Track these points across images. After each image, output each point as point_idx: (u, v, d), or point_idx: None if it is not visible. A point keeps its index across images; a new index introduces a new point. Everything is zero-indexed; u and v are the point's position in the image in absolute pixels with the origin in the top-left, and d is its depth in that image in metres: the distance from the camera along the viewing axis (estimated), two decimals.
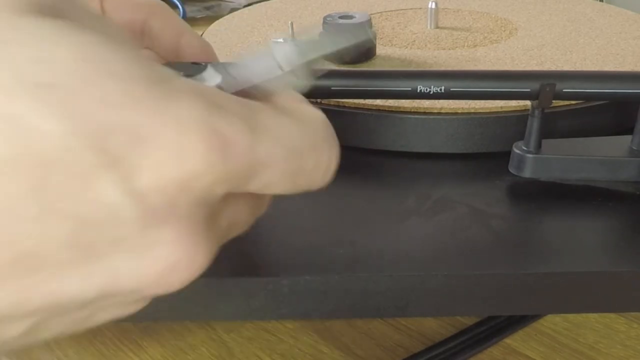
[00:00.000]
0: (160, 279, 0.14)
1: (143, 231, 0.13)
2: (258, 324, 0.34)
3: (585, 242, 0.26)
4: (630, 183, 0.30)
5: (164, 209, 0.13)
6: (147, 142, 0.13)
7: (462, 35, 0.45)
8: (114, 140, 0.12)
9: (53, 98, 0.12)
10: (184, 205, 0.14)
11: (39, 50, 0.12)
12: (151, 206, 0.13)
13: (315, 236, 0.26)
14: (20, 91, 0.12)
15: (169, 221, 0.13)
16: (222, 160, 0.13)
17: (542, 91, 0.28)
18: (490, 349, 0.32)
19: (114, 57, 0.13)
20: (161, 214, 0.13)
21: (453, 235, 0.26)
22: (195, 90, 0.14)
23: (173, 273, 0.14)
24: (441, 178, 0.31)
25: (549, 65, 0.39)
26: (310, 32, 0.17)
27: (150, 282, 0.14)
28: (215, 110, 0.14)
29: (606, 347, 0.32)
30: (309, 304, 0.25)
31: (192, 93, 0.13)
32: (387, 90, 0.28)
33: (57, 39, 0.13)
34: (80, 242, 0.13)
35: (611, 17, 0.48)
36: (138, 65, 0.13)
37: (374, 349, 0.33)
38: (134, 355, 0.33)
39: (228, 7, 0.75)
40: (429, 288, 0.24)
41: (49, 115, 0.12)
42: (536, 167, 0.29)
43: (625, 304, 0.26)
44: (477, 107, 0.32)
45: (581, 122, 0.33)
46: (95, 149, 0.12)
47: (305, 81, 0.17)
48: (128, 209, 0.13)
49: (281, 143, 0.15)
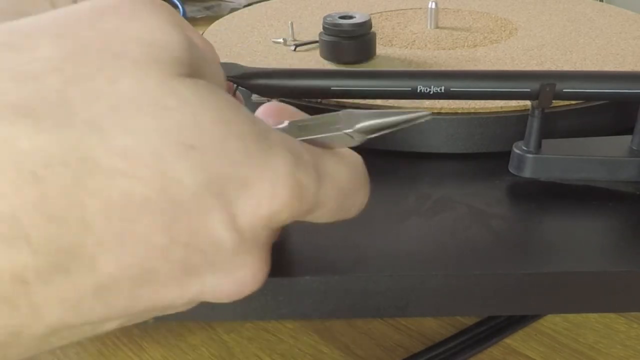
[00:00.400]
0: (232, 294, 0.17)
1: (233, 257, 0.16)
2: (258, 324, 0.34)
3: (585, 242, 0.26)
4: (630, 183, 0.30)
5: (251, 240, 0.17)
6: (250, 189, 0.16)
7: (462, 35, 0.45)
8: (229, 188, 0.16)
9: (194, 156, 0.15)
10: (263, 236, 0.17)
11: (186, 115, 0.15)
12: (244, 239, 0.16)
13: (315, 236, 0.26)
14: (169, 150, 0.15)
15: (252, 250, 0.17)
16: (298, 203, 0.17)
17: (542, 91, 0.28)
18: (490, 349, 0.32)
19: (236, 118, 0.16)
20: (249, 244, 0.17)
21: (453, 235, 0.26)
22: (285, 144, 0.17)
23: (242, 288, 0.17)
24: (441, 178, 0.31)
25: (549, 65, 0.39)
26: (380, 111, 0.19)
27: (223, 295, 0.17)
28: (298, 163, 0.17)
29: (606, 347, 0.32)
30: (309, 304, 0.25)
31: (284, 147, 0.17)
32: (387, 90, 0.28)
33: (200, 104, 0.15)
34: (187, 263, 0.16)
35: (611, 17, 0.48)
36: (250, 123, 0.16)
37: (374, 349, 0.33)
38: (134, 355, 0.33)
39: (228, 7, 0.75)
40: (429, 288, 0.24)
41: (188, 170, 0.15)
42: (536, 167, 0.29)
43: (625, 304, 0.26)
44: (477, 107, 0.32)
45: (581, 122, 0.33)
46: (215, 195, 0.15)
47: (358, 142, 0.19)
48: (229, 241, 0.16)
49: (336, 187, 0.18)
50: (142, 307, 0.16)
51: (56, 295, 0.14)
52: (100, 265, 0.14)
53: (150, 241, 0.15)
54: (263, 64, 0.39)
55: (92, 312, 0.15)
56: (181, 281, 0.16)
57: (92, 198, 0.14)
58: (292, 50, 0.42)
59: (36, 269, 0.14)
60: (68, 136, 0.14)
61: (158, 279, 0.15)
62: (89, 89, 0.15)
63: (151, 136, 0.15)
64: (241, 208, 0.16)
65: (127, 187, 0.14)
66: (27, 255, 0.14)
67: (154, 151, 0.15)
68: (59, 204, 0.14)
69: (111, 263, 0.15)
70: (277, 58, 0.41)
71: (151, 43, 0.16)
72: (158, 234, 0.15)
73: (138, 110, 0.15)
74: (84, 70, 0.15)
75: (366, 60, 0.39)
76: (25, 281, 0.14)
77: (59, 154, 0.14)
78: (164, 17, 0.16)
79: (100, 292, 0.15)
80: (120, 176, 0.14)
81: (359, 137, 0.19)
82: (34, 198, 0.13)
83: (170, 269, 0.15)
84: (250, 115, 0.17)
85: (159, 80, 0.15)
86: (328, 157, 0.19)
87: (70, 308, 0.15)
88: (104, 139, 0.14)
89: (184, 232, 0.15)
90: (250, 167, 0.16)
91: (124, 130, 0.14)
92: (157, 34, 0.16)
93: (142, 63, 0.15)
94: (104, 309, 0.15)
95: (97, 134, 0.14)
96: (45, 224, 0.14)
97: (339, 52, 0.39)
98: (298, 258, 0.25)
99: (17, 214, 0.13)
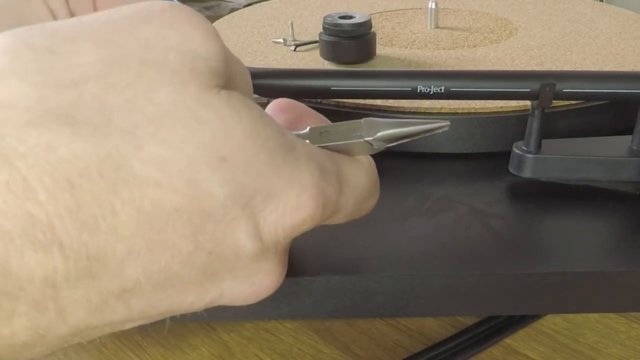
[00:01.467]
0: (249, 297, 0.18)
1: (253, 264, 0.17)
2: (258, 324, 0.34)
3: (585, 242, 0.26)
4: (630, 183, 0.30)
5: (273, 249, 0.17)
6: (276, 201, 0.16)
7: (462, 35, 0.45)
8: (255, 199, 0.16)
9: (225, 168, 0.15)
10: (284, 244, 0.17)
11: (220, 127, 0.15)
12: (266, 248, 0.17)
13: (316, 236, 0.26)
14: (202, 162, 0.15)
15: (272, 257, 0.17)
16: (321, 212, 0.17)
17: (542, 91, 0.28)
18: (490, 349, 0.33)
19: (267, 131, 0.16)
20: (270, 252, 0.17)
21: (453, 235, 0.26)
22: (310, 155, 0.17)
23: (260, 292, 0.18)
24: (441, 178, 0.31)
25: (549, 65, 0.39)
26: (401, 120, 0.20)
27: (241, 299, 0.18)
28: (322, 173, 0.17)
29: (606, 347, 0.32)
30: (309, 304, 0.25)
31: (309, 158, 0.17)
32: (387, 90, 0.28)
33: (232, 117, 0.16)
34: (209, 269, 0.16)
35: (611, 17, 0.48)
36: (279, 135, 0.17)
37: (374, 349, 0.33)
38: (134, 355, 0.33)
39: (228, 7, 0.75)
40: (429, 288, 0.24)
41: (219, 182, 0.15)
42: (536, 167, 0.29)
43: (625, 304, 0.26)
44: (477, 107, 0.32)
45: (581, 122, 0.33)
46: (242, 206, 0.16)
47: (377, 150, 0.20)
48: (251, 249, 0.16)
49: (355, 194, 0.19)
50: (163, 310, 0.16)
51: (82, 298, 0.15)
52: (127, 271, 0.15)
53: (176, 248, 0.15)
54: (263, 64, 0.39)
55: (114, 314, 0.15)
56: (202, 286, 0.16)
57: (125, 207, 0.14)
58: (292, 50, 0.42)
59: (66, 274, 0.14)
60: (105, 144, 0.14)
61: (180, 283, 0.16)
62: (127, 98, 0.15)
63: (185, 147, 0.15)
64: (266, 218, 0.16)
65: (159, 196, 0.15)
66: (58, 261, 0.14)
67: (187, 162, 0.15)
68: (92, 212, 0.14)
69: (138, 269, 0.15)
70: (277, 58, 0.41)
71: (190, 53, 0.16)
72: (184, 241, 0.15)
73: (174, 121, 0.15)
74: (123, 78, 0.15)
75: (366, 60, 0.39)
76: (54, 285, 0.14)
77: (95, 163, 0.14)
78: (202, 27, 0.16)
79: (124, 295, 0.15)
80: (153, 186, 0.15)
81: (378, 145, 0.19)
82: (69, 205, 0.14)
83: (192, 275, 0.16)
84: (280, 128, 0.17)
85: (195, 92, 0.15)
86: (348, 165, 0.19)
87: (93, 310, 0.15)
88: (139, 149, 0.15)
89: (209, 240, 0.16)
90: (277, 179, 0.16)
91: (160, 141, 0.15)
92: (196, 43, 0.16)
93: (180, 73, 0.15)
94: (126, 311, 0.16)
95: (132, 143, 0.15)
96: (78, 231, 0.14)
97: (339, 52, 0.39)
98: (298, 258, 0.25)
99: (52, 220, 0.14)
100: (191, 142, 0.15)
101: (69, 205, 0.14)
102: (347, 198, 0.19)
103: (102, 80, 0.15)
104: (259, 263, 0.17)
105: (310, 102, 0.34)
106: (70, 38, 0.15)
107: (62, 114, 0.14)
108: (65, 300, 0.14)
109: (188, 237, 0.15)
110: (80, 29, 0.16)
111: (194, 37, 0.16)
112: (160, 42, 0.16)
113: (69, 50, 0.15)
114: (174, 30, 0.16)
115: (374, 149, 0.19)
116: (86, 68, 0.15)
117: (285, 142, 0.17)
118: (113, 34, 0.16)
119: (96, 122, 0.14)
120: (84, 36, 0.16)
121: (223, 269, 0.16)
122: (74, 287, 0.14)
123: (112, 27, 0.16)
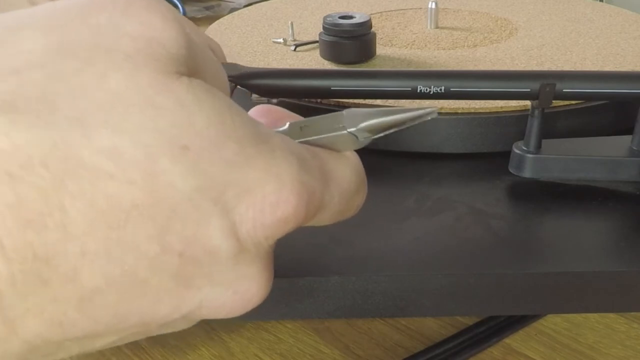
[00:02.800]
0: (233, 309, 0.16)
1: (233, 268, 0.15)
2: (258, 324, 0.34)
3: (585, 242, 0.26)
4: (630, 183, 0.30)
5: (253, 251, 0.15)
6: (252, 195, 0.15)
7: (462, 35, 0.45)
8: (227, 193, 0.14)
9: (188, 158, 0.14)
10: (266, 246, 0.16)
11: (180, 115, 0.14)
12: (245, 249, 0.15)
13: (315, 236, 0.26)
14: (161, 151, 0.14)
15: (254, 260, 0.16)
16: (305, 208, 0.16)
17: (542, 91, 0.28)
18: (490, 349, 0.32)
19: (234, 120, 0.15)
20: (251, 255, 0.15)
21: (453, 235, 0.26)
22: (288, 148, 0.16)
23: (244, 303, 0.16)
24: (441, 178, 0.31)
25: (549, 65, 0.39)
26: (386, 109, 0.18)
27: (224, 310, 0.16)
28: (303, 166, 0.16)
29: (606, 347, 0.32)
30: (309, 304, 0.25)
31: (287, 150, 0.16)
32: (387, 90, 0.28)
33: (195, 104, 0.14)
34: (182, 275, 0.15)
35: (611, 17, 0.48)
36: (249, 126, 0.15)
37: (374, 349, 0.33)
38: (134, 355, 0.33)
39: (228, 7, 0.75)
40: (429, 288, 0.24)
41: (182, 173, 0.14)
42: (536, 167, 0.29)
43: (625, 304, 0.26)
44: (477, 107, 0.32)
45: (581, 122, 0.33)
46: (212, 201, 0.14)
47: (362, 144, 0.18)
48: (228, 250, 0.15)
49: (340, 190, 0.18)
50: (133, 322, 0.15)
51: (34, 308, 0.13)
52: (84, 277, 0.13)
53: (139, 250, 0.14)
54: (263, 64, 0.39)
55: (75, 327, 0.14)
56: (176, 294, 0.15)
57: (75, 202, 0.13)
58: (292, 50, 0.42)
59: (10, 279, 0.13)
60: (49, 134, 0.13)
61: (150, 291, 0.14)
62: (74, 85, 0.14)
63: (141, 136, 0.14)
64: (242, 215, 0.15)
65: (114, 190, 0.13)
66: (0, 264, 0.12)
67: (144, 152, 0.14)
68: (37, 208, 0.13)
69: (96, 274, 0.13)
70: (277, 58, 0.41)
71: (146, 39, 0.15)
72: (149, 242, 0.14)
73: (128, 108, 0.14)
74: (70, 65, 0.14)
75: (366, 60, 0.39)
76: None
77: (39, 154, 0.13)
78: (161, 13, 0.15)
79: (84, 305, 0.14)
80: (106, 178, 0.13)
81: (363, 136, 0.18)
82: (9, 201, 0.12)
83: (164, 281, 0.14)
84: (251, 119, 0.16)
85: (152, 78, 0.14)
86: (332, 159, 0.18)
87: (50, 322, 0.13)
88: (89, 138, 0.13)
89: (177, 240, 0.14)
90: (251, 171, 0.15)
91: (112, 129, 0.13)
92: (153, 30, 0.15)
93: (135, 59, 0.14)
94: (89, 324, 0.14)
95: (81, 132, 0.13)
96: (22, 230, 0.12)
97: (339, 52, 0.39)
98: (298, 258, 0.25)
99: None
100: (147, 130, 0.14)
101: (9, 201, 0.12)
102: (333, 194, 0.17)
103: (47, 68, 0.14)
104: (240, 267, 0.15)
105: (310, 102, 0.34)
106: (18, 27, 0.14)
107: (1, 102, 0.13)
108: (14, 310, 0.13)
109: (153, 237, 0.14)
110: (30, 17, 0.15)
111: (151, 23, 0.15)
112: (114, 28, 0.15)
113: (15, 39, 0.14)
114: (129, 16, 0.15)
115: (360, 142, 0.18)
116: (31, 55, 0.14)
117: (258, 133, 0.15)
118: (63, 22, 0.15)
119: (40, 110, 0.13)
120: (32, 24, 0.15)
121: (199, 274, 0.15)
122: (22, 295, 0.13)
123: (63, 15, 0.15)
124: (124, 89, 0.14)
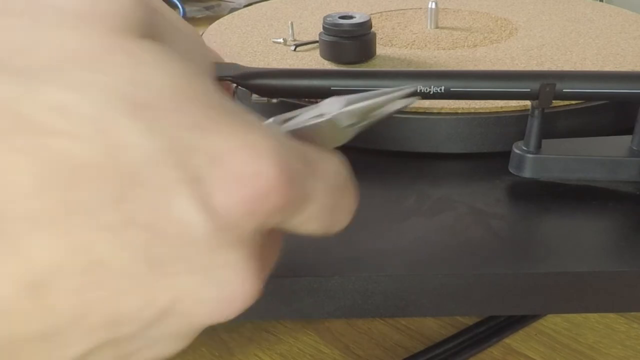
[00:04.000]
0: (219, 306, 0.14)
1: (211, 252, 0.13)
2: (258, 324, 0.34)
3: (585, 242, 0.26)
4: (630, 183, 0.30)
5: (232, 231, 0.13)
6: (225, 163, 0.13)
7: (462, 35, 0.45)
8: (196, 159, 0.13)
9: (147, 116, 0.12)
10: (248, 229, 0.14)
11: (137, 73, 0.13)
12: (221, 226, 0.13)
13: (315, 236, 0.26)
14: (116, 107, 0.12)
15: (235, 245, 0.13)
16: (288, 185, 0.14)
17: (542, 91, 0.28)
18: (490, 349, 0.33)
19: (198, 88, 0.14)
20: (230, 236, 0.13)
21: (453, 235, 0.26)
22: (266, 126, 0.14)
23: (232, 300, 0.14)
24: (441, 178, 0.31)
25: (549, 65, 0.39)
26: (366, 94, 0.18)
27: (206, 308, 0.14)
28: (283, 145, 0.14)
29: (606, 347, 0.32)
30: (309, 304, 0.25)
31: (264, 127, 0.14)
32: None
33: (154, 65, 0.13)
34: (150, 256, 0.12)
35: (611, 17, 0.48)
36: (219, 96, 0.14)
37: (374, 349, 0.33)
38: None
39: (228, 7, 0.75)
40: (429, 288, 0.24)
41: (141, 131, 0.12)
42: (536, 167, 0.29)
43: (625, 304, 0.26)
44: (477, 107, 0.32)
45: (581, 122, 0.33)
46: (179, 166, 0.13)
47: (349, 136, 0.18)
48: (201, 225, 0.13)
49: (324, 178, 0.16)
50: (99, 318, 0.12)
51: None
52: (29, 249, 0.11)
53: (95, 218, 0.12)
54: (263, 64, 0.39)
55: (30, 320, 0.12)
56: (148, 282, 0.13)
57: (18, 157, 0.11)
58: (292, 50, 0.42)
59: None
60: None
61: (114, 275, 0.12)
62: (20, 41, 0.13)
63: (94, 92, 0.12)
64: (214, 185, 0.13)
65: (64, 147, 0.12)
66: None
67: (98, 107, 0.12)
68: None
69: (44, 246, 0.11)
70: (277, 58, 0.41)
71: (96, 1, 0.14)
72: (106, 210, 0.12)
73: (78, 64, 0.13)
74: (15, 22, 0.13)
75: (366, 60, 0.39)
76: None
77: None
78: None
79: (35, 290, 0.12)
80: (54, 134, 0.12)
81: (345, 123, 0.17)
82: None
83: (128, 262, 0.12)
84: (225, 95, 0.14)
85: (105, 36, 0.13)
86: (315, 150, 0.16)
87: None
88: (37, 92, 0.12)
89: (140, 209, 0.12)
90: (222, 138, 0.13)
91: (61, 85, 0.12)
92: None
93: (84, 16, 0.13)
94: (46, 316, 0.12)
95: (27, 86, 0.12)
96: None
97: (339, 52, 0.39)
98: (298, 258, 0.25)
99: None
100: (102, 85, 0.12)
101: None
102: (317, 182, 0.15)
103: None
104: (220, 251, 0.13)
105: (311, 102, 0.34)
106: None
107: None
108: None
109: (109, 204, 0.12)
110: None
111: None
112: None
113: None
114: None
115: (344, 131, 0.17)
116: None
117: (229, 104, 0.14)
118: None
119: None
120: None
121: (172, 256, 0.13)
122: None
123: None
124: (75, 45, 0.13)
